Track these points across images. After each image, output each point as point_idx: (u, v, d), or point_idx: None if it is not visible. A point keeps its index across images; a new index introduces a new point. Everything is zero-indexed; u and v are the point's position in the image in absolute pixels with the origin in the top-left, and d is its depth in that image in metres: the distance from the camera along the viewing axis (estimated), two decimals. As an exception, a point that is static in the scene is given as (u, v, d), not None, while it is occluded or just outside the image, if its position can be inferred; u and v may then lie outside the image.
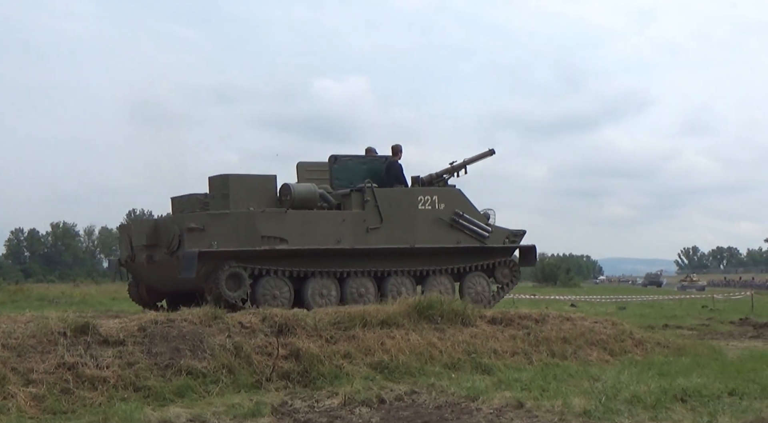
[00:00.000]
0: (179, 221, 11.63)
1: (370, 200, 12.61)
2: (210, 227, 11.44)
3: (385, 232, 12.74)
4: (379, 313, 10.13)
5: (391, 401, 7.71)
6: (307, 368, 8.67)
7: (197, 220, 11.48)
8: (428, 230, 13.17)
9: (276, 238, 11.77)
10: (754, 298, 30.51)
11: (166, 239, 11.64)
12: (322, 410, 7.37)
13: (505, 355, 10.12)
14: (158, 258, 11.84)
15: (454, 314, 10.70)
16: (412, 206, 13.08)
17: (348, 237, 12.38)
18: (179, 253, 11.31)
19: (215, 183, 12.31)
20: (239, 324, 9.19)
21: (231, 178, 12.07)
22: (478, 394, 7.77)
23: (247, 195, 12.03)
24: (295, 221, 11.96)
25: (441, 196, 13.44)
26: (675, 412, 6.85)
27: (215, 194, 12.21)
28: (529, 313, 11.74)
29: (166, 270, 11.84)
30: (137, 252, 12.37)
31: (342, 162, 13.46)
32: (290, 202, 12.00)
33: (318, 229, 12.16)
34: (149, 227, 12.18)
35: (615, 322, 12.25)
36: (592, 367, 9.67)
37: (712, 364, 10.03)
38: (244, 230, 11.64)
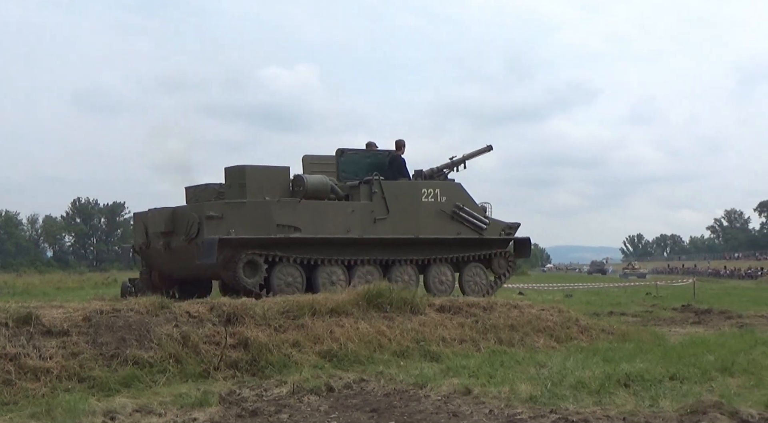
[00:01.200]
0: (198, 209, 12.05)
1: (377, 192, 13.23)
2: (228, 216, 11.89)
3: (391, 223, 13.33)
4: (328, 302, 10.13)
5: (339, 389, 7.71)
6: (256, 357, 8.62)
7: (216, 208, 11.93)
8: (431, 221, 13.79)
9: (290, 226, 12.29)
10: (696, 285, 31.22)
11: (185, 227, 12.03)
12: (270, 399, 7.35)
13: (453, 342, 10.20)
14: (175, 245, 12.26)
15: (403, 302, 10.74)
16: (416, 198, 13.71)
17: (357, 227, 12.95)
18: (198, 240, 11.73)
19: (232, 173, 12.79)
20: (186, 313, 9.10)
21: (247, 169, 12.60)
22: (426, 382, 7.83)
23: (262, 185, 12.52)
24: (308, 211, 12.50)
25: (443, 190, 14.10)
26: (618, 396, 6.98)
27: (231, 184, 12.69)
28: (477, 301, 11.86)
29: (182, 257, 12.21)
30: (153, 239, 12.78)
31: (348, 155, 13.99)
32: (303, 192, 12.54)
33: (329, 218, 12.73)
34: (167, 215, 12.48)
35: (561, 310, 12.43)
36: (538, 354, 9.80)
37: (654, 349, 10.24)
38: (260, 219, 12.12)
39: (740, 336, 12.61)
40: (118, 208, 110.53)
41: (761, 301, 24.90)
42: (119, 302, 9.50)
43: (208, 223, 11.72)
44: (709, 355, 9.52)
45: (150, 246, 12.94)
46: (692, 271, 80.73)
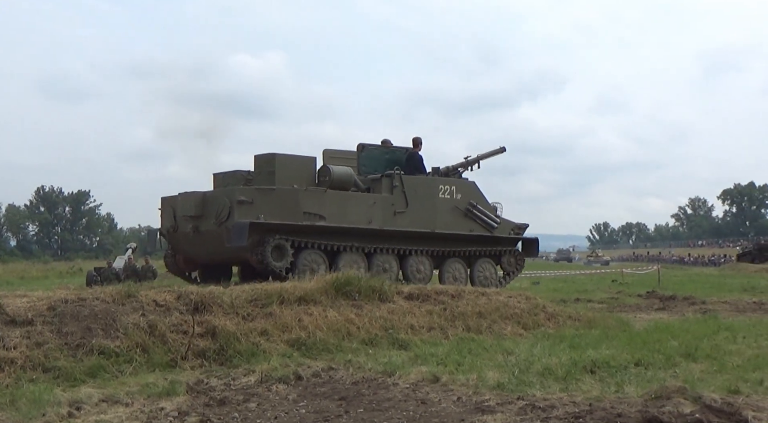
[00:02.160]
0: (230, 194, 12.31)
1: (398, 186, 13.82)
2: (258, 201, 12.27)
3: (410, 216, 13.94)
4: (297, 290, 10.10)
5: (308, 378, 7.71)
6: (224, 346, 8.58)
7: (246, 193, 12.26)
8: (446, 217, 14.46)
9: (316, 214, 12.79)
10: (661, 272, 31.63)
11: (215, 210, 12.35)
12: (238, 388, 7.32)
13: (421, 330, 10.24)
14: (204, 228, 12.61)
15: (372, 290, 10.75)
16: (434, 194, 14.37)
17: (378, 218, 13.53)
18: (228, 223, 12.07)
19: (261, 161, 13.22)
20: (153, 302, 9.02)
21: (277, 157, 13.02)
22: (394, 370, 7.85)
23: (290, 173, 12.97)
24: (333, 200, 13.01)
25: (458, 187, 14.80)
26: (584, 382, 7.05)
27: (261, 171, 13.10)
28: (446, 288, 11.92)
29: (210, 240, 12.57)
30: (181, 223, 13.11)
31: (369, 150, 14.64)
32: (328, 182, 13.03)
33: (352, 209, 13.27)
34: (198, 199, 12.79)
35: (529, 297, 12.53)
36: (506, 341, 9.87)
37: (620, 336, 10.36)
38: (288, 206, 12.54)
39: (703, 322, 12.81)
40: (83, 197, 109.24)
41: (724, 288, 25.32)
42: (85, 291, 9.38)
43: (239, 208, 12.09)
44: (673, 340, 9.66)
45: (177, 229, 13.26)
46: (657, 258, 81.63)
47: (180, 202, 13.15)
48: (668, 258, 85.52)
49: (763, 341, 9.85)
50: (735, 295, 21.83)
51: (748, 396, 6.44)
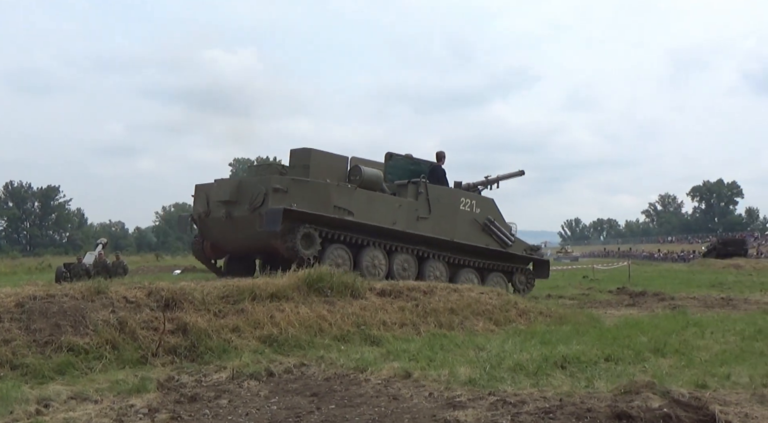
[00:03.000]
0: (266, 182, 12.85)
1: (423, 193, 14.55)
2: (292, 190, 12.79)
3: (431, 223, 14.64)
4: (269, 287, 10.08)
5: (280, 374, 7.69)
6: (195, 343, 8.53)
7: (282, 182, 12.80)
8: (465, 228, 15.26)
9: (345, 209, 13.35)
10: (631, 268, 31.94)
11: (250, 196, 12.89)
12: (209, 384, 7.29)
13: (394, 326, 10.25)
14: (237, 214, 13.13)
15: (344, 287, 10.75)
16: (455, 205, 15.20)
17: (402, 221, 14.16)
18: (262, 209, 12.59)
19: (297, 154, 13.79)
20: (124, 299, 8.95)
21: (313, 152, 13.63)
22: (366, 366, 7.85)
23: (323, 169, 13.56)
24: (362, 198, 13.62)
25: (478, 202, 15.69)
26: (555, 378, 7.10)
27: (295, 164, 13.67)
28: (418, 284, 11.94)
29: (242, 225, 13.08)
30: (214, 208, 13.61)
31: (396, 160, 15.42)
32: (359, 181, 13.69)
33: (379, 209, 13.87)
34: (233, 185, 13.41)
35: (500, 293, 12.60)
36: (477, 337, 9.91)
37: (590, 331, 10.45)
38: (320, 198, 13.08)
39: (672, 317, 12.95)
40: (53, 192, 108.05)
41: (693, 284, 25.63)
42: (54, 287, 9.28)
43: (274, 195, 12.60)
44: (642, 336, 9.75)
45: (210, 215, 13.72)
46: (627, 254, 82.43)
47: (215, 188, 13.68)
48: (638, 254, 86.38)
49: (731, 337, 9.97)
50: (703, 290, 22.11)
51: (715, 390, 6.52)
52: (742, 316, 13.53)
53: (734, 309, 16.66)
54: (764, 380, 6.91)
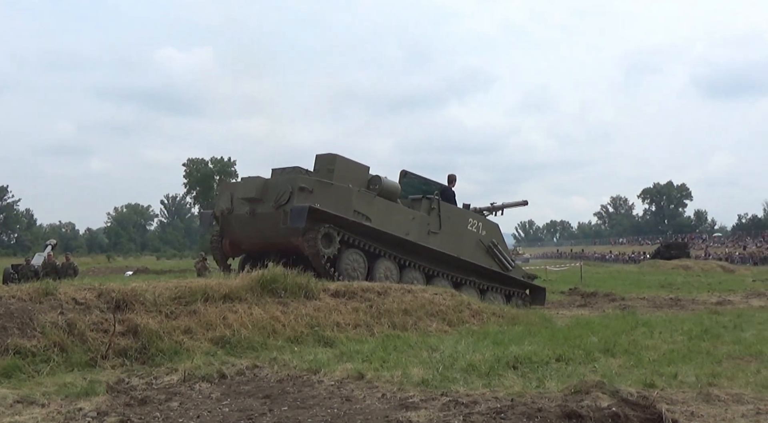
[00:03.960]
0: (292, 180, 13.32)
1: (435, 209, 15.21)
2: (317, 191, 13.27)
3: (441, 238, 15.22)
4: (222, 288, 9.99)
5: (232, 376, 7.63)
6: (146, 345, 8.43)
7: (308, 182, 13.29)
8: (471, 248, 15.92)
9: (364, 215, 13.81)
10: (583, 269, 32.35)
11: (276, 194, 13.35)
12: (160, 387, 7.20)
13: (347, 327, 10.23)
14: (261, 211, 13.58)
15: (298, 288, 10.71)
16: (464, 225, 15.91)
17: (414, 233, 14.72)
18: (287, 206, 13.04)
19: (323, 159, 14.20)
20: (73, 300, 8.80)
21: (338, 158, 14.07)
22: (320, 367, 7.83)
23: (346, 174, 14.01)
24: (380, 206, 14.14)
25: (485, 225, 16.45)
26: (507, 378, 7.16)
27: (320, 168, 14.07)
28: (372, 285, 11.93)
29: (265, 222, 13.52)
30: (238, 205, 14.10)
31: (410, 178, 16.39)
32: (377, 190, 14.19)
33: (394, 218, 14.39)
34: (260, 184, 13.80)
35: (454, 294, 12.66)
36: (431, 338, 9.95)
37: (542, 332, 10.56)
38: (342, 201, 13.52)
39: (622, 318, 13.16)
40: (1, 193, 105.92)
41: (643, 284, 26.07)
42: (1, 289, 9.08)
43: (299, 194, 13.08)
44: (593, 336, 9.89)
45: (233, 212, 14.17)
46: (580, 255, 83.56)
47: (241, 186, 14.22)
48: (590, 255, 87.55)
49: (678, 336, 10.16)
50: (653, 291, 22.50)
51: (662, 389, 6.63)
52: (690, 316, 13.81)
53: (682, 309, 16.98)
54: (710, 379, 7.06)
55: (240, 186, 14.33)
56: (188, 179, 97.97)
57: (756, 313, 14.46)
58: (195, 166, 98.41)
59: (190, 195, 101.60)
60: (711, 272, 39.17)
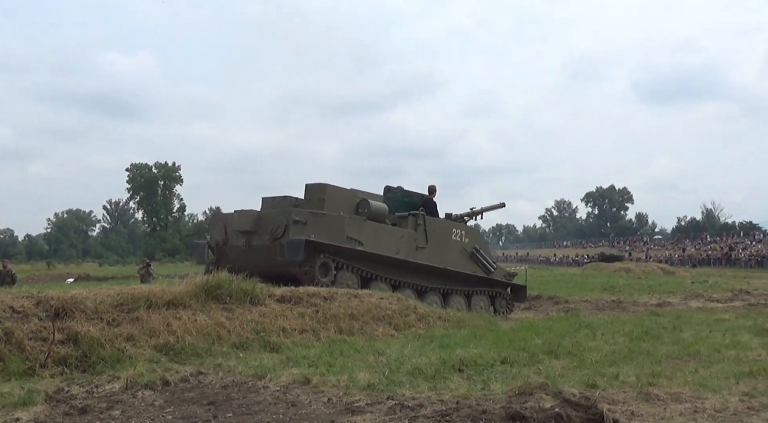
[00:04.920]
0: (286, 214, 13.72)
1: (421, 224, 15.71)
2: (310, 222, 13.73)
3: (428, 252, 15.77)
4: (165, 294, 9.85)
5: (176, 383, 7.53)
6: (87, 353, 8.26)
7: (301, 215, 13.71)
8: (456, 257, 16.43)
9: (356, 240, 14.32)
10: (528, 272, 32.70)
11: (270, 228, 13.72)
12: (101, 395, 7.07)
13: (293, 332, 10.18)
14: (257, 243, 14.00)
15: (243, 293, 10.61)
16: (448, 236, 16.39)
17: (404, 250, 15.28)
18: (283, 240, 13.44)
19: (313, 188, 14.79)
20: (10, 308, 8.57)
21: (327, 187, 14.66)
22: (265, 373, 7.78)
23: (337, 202, 14.59)
24: (371, 230, 14.68)
25: (467, 232, 16.93)
26: (452, 381, 7.21)
27: (311, 198, 14.65)
28: (318, 290, 11.89)
29: (262, 253, 13.81)
30: (232, 237, 14.54)
31: (393, 193, 16.84)
32: (367, 213, 14.75)
33: (385, 239, 14.94)
34: (253, 217, 14.22)
35: (400, 298, 12.68)
36: (377, 342, 9.95)
37: (487, 335, 10.65)
38: (335, 229, 14.04)
39: (566, 320, 13.37)
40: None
41: (586, 287, 26.49)
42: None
43: (294, 227, 13.49)
44: (537, 339, 10.01)
45: (228, 243, 14.61)
46: (525, 258, 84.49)
47: (235, 219, 14.59)
48: (535, 258, 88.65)
49: (620, 338, 10.35)
50: (595, 294, 22.87)
51: (604, 390, 6.75)
52: (631, 318, 14.08)
53: (624, 311, 17.32)
54: (650, 379, 7.20)
55: (233, 218, 14.71)
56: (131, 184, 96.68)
57: (694, 314, 14.81)
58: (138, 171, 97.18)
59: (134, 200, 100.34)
60: (651, 274, 39.98)
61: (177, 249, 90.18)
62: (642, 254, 73.67)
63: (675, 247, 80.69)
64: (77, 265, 76.73)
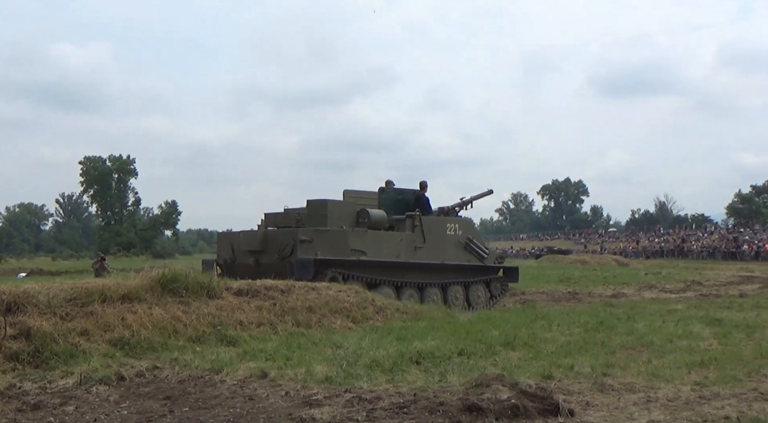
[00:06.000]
0: (293, 234, 14.59)
1: (418, 226, 16.24)
2: (316, 240, 14.49)
3: (426, 251, 16.34)
4: (120, 288, 9.74)
5: (131, 378, 7.45)
6: (39, 348, 8.12)
7: (307, 234, 14.53)
8: (452, 250, 16.95)
9: (360, 251, 15.07)
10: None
11: (278, 247, 14.58)
12: (55, 391, 6.96)
13: (251, 326, 10.13)
14: (265, 261, 14.73)
15: (200, 287, 10.52)
16: (443, 231, 16.89)
17: (403, 253, 15.92)
18: (292, 258, 14.23)
19: (315, 205, 15.57)
20: (-40, 304, 8.40)
21: (329, 202, 15.44)
22: (222, 367, 7.73)
23: (338, 216, 15.33)
24: (372, 238, 15.39)
25: (460, 225, 17.43)
26: (410, 373, 7.24)
27: (313, 214, 15.45)
28: (275, 284, 11.84)
29: (270, 271, 13.80)
30: (240, 256, 15.35)
31: (387, 193, 17.39)
32: (367, 223, 15.48)
33: (386, 245, 15.64)
34: (259, 236, 15.13)
35: (358, 291, 12.68)
36: (335, 335, 9.94)
37: (445, 327, 10.70)
38: (339, 244, 14.82)
39: (522, 312, 13.50)
40: None
41: (542, 279, 26.75)
42: None
43: (301, 246, 14.29)
44: (494, 330, 10.10)
45: (236, 261, 15.34)
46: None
47: (242, 238, 15.47)
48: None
49: (575, 329, 10.48)
50: (552, 285, 23.15)
51: (560, 380, 6.84)
52: (586, 309, 14.27)
53: (579, 302, 17.55)
54: (604, 369, 7.32)
55: (241, 238, 15.52)
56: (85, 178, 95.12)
57: (648, 305, 15.08)
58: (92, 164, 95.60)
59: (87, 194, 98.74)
60: (606, 266, 40.55)
61: (132, 243, 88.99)
62: (597, 246, 74.69)
63: (629, 240, 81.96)
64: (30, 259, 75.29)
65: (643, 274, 30.54)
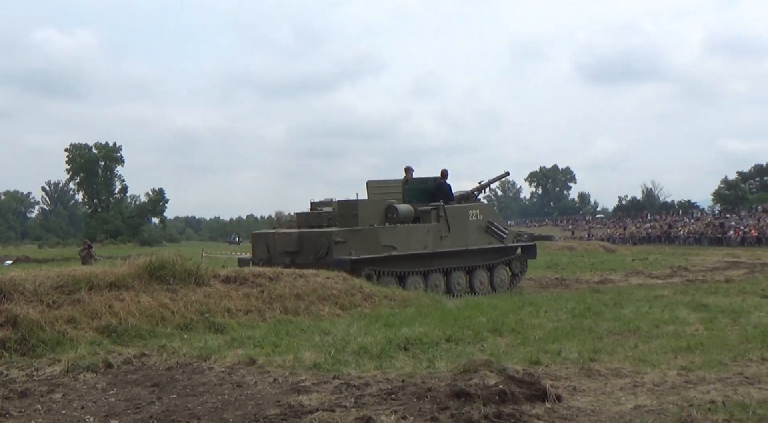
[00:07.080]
0: (328, 235, 15.08)
1: (442, 216, 16.78)
2: (349, 240, 15.06)
3: (451, 239, 16.90)
4: (107, 276, 9.70)
5: (118, 365, 7.44)
6: (26, 336, 8.09)
7: (341, 235, 15.07)
8: (474, 236, 17.55)
9: (390, 246, 15.63)
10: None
11: (314, 248, 15.11)
12: (42, 378, 6.94)
13: (238, 313, 10.12)
14: (301, 261, 14.96)
15: (187, 274, 10.50)
16: (466, 218, 17.42)
17: (430, 243, 16.45)
18: (328, 259, 14.65)
19: (345, 205, 16.17)
20: (-55, 291, 8.35)
21: (359, 203, 16.02)
22: (210, 354, 7.73)
23: (369, 214, 15.87)
24: (401, 233, 15.96)
25: (481, 210, 18.03)
26: (398, 360, 7.26)
27: (344, 214, 15.98)
28: (263, 271, 11.83)
29: None
30: (276, 256, 15.66)
31: (410, 183, 17.99)
32: (396, 219, 16.05)
33: (413, 238, 16.15)
34: (295, 237, 15.60)
35: (346, 278, 12.67)
36: (323, 322, 9.95)
37: (433, 313, 10.72)
38: (371, 241, 15.41)
39: (510, 298, 13.55)
40: None
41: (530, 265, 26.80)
42: None
43: (336, 247, 14.81)
44: (482, 317, 10.12)
45: (272, 261, 15.34)
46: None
47: (277, 239, 15.93)
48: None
49: (562, 315, 10.52)
50: (539, 272, 23.18)
51: (547, 366, 6.88)
52: (573, 295, 14.33)
53: (566, 288, 17.64)
54: (591, 355, 7.35)
55: (276, 239, 15.96)
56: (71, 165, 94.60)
57: (635, 291, 15.16)
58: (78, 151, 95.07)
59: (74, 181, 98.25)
60: (594, 252, 40.69)
61: (119, 230, 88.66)
62: (584, 233, 74.92)
63: (616, 226, 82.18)
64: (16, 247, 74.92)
65: (630, 260, 30.67)
